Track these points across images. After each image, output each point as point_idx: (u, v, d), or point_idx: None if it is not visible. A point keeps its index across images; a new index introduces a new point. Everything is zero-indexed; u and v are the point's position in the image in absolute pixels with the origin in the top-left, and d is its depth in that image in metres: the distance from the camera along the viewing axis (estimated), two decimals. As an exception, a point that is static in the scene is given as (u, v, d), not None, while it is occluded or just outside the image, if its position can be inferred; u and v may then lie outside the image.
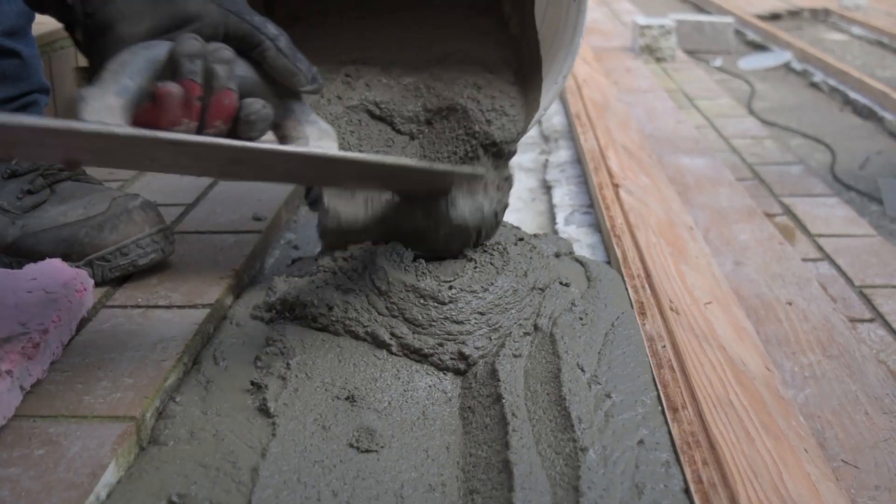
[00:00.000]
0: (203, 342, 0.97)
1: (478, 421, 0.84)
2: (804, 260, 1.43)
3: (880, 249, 1.49)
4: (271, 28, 0.78)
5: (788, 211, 1.69)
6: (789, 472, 0.76)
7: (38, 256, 1.05)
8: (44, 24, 1.44)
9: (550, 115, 2.16)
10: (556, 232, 1.39)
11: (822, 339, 1.16)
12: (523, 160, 1.82)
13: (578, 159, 1.74)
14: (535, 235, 1.24)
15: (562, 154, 1.81)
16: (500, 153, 1.00)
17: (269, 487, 0.72)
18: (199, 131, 0.75)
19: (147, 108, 0.73)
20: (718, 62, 3.40)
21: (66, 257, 1.05)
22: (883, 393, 1.04)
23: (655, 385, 0.89)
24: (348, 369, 0.91)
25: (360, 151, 1.02)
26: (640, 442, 0.79)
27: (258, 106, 0.76)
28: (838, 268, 1.42)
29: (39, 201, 1.09)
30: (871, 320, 1.26)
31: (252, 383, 0.88)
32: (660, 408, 0.85)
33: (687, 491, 0.73)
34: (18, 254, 1.08)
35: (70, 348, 0.92)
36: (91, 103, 0.71)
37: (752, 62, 3.42)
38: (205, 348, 0.96)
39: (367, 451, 0.79)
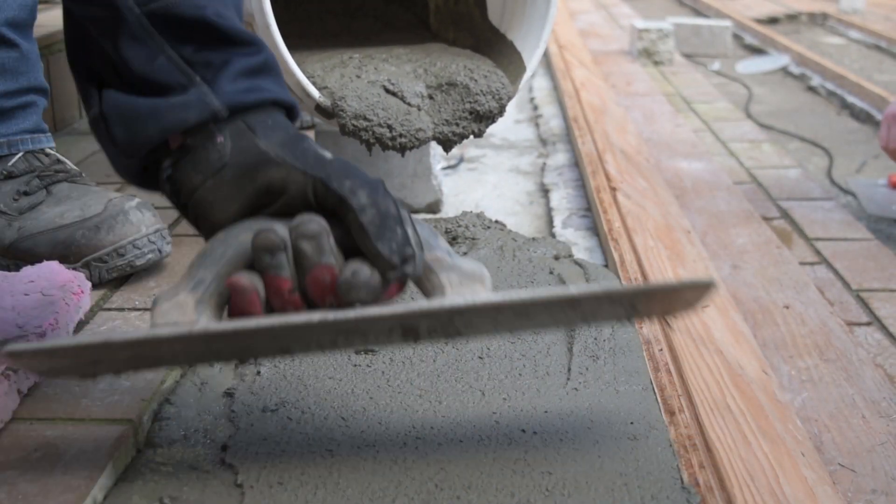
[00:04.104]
0: (200, 345, 0.97)
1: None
2: (801, 264, 1.44)
3: (878, 253, 1.49)
4: (361, 197, 0.66)
5: (786, 215, 1.69)
6: (786, 475, 0.76)
7: (35, 258, 1.05)
8: (42, 25, 1.44)
9: (548, 118, 2.16)
10: (553, 235, 1.39)
11: (819, 343, 1.16)
12: (521, 163, 1.82)
13: (576, 163, 1.74)
14: (532, 239, 1.24)
15: (559, 157, 1.81)
16: (493, 119, 1.24)
17: (262, 491, 0.72)
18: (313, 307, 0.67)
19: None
20: (716, 66, 3.40)
21: (64, 259, 1.05)
22: (880, 397, 1.04)
23: (653, 388, 0.89)
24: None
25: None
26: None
27: (362, 276, 0.65)
28: (836, 272, 1.43)
29: (35, 202, 1.09)
30: (868, 324, 1.26)
31: (226, 392, 0.88)
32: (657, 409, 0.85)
33: (684, 494, 0.73)
34: (15, 256, 1.08)
35: (67, 350, 0.92)
36: (161, 305, 0.68)
37: (749, 66, 3.43)
38: (202, 351, 0.96)
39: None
